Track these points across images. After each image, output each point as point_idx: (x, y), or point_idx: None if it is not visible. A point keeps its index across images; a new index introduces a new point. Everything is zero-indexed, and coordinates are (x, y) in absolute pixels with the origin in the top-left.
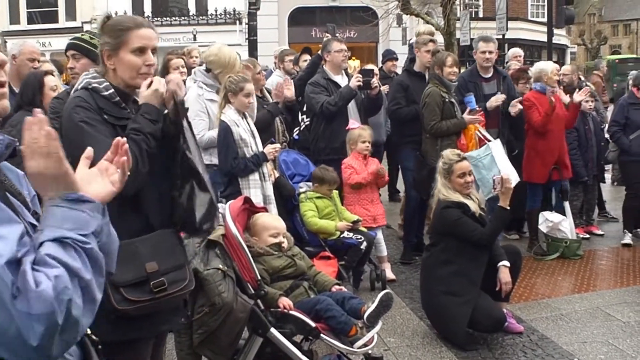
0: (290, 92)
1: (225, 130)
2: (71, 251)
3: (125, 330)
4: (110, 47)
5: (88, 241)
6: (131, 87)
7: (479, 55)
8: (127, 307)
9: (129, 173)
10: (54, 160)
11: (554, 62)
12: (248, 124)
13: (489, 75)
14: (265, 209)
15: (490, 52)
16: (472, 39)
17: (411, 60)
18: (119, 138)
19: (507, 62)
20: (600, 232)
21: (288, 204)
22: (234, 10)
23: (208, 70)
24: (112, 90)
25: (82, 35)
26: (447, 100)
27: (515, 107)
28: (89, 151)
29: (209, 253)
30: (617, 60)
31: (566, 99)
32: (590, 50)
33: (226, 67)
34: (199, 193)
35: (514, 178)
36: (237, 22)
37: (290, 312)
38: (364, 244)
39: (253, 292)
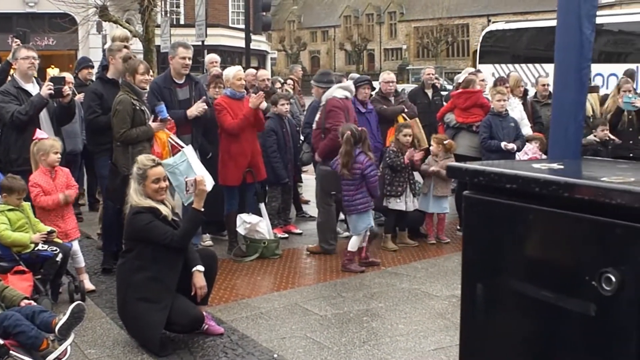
0: None
1: None
2: None
3: None
4: None
5: None
6: None
7: (179, 60)
8: None
9: None
10: None
11: (255, 67)
12: None
13: (183, 81)
14: None
15: (189, 59)
16: None
17: (103, 67)
18: None
19: (206, 68)
20: (298, 230)
21: None
22: None
23: None
24: None
25: None
26: (137, 107)
27: (199, 107)
28: None
29: None
30: None
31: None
32: (290, 56)
33: None
34: None
35: (209, 182)
36: None
37: None
38: (60, 255)
39: None
